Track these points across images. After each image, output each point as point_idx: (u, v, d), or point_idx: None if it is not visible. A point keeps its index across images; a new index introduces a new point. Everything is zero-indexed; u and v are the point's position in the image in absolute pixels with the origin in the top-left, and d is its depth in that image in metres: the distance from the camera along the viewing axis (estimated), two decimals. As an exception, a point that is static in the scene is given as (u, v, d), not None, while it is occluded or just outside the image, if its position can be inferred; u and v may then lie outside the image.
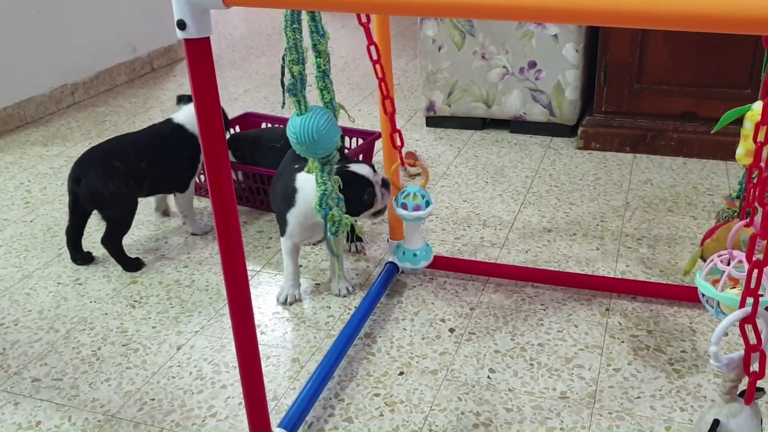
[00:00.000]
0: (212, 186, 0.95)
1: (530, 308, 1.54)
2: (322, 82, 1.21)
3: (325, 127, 1.19)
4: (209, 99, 0.92)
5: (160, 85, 3.28)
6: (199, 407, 1.31)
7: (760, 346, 0.84)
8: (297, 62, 1.15)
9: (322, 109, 1.21)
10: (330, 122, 1.21)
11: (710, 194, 2.02)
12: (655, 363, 1.36)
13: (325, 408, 1.29)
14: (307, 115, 1.18)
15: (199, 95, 0.92)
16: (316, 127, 1.18)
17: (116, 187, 1.73)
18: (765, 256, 0.80)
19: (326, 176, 1.28)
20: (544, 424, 1.23)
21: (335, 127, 1.22)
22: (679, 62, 2.21)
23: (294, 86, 1.16)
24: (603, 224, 1.88)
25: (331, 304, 1.60)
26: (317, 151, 1.22)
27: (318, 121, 1.19)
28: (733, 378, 0.87)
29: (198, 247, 1.87)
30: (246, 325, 1.06)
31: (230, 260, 1.00)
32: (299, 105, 1.18)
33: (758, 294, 0.83)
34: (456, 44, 2.46)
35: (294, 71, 1.15)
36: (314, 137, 1.19)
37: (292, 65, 1.16)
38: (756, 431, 0.87)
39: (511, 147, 2.43)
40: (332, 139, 1.22)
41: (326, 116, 1.20)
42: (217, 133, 0.93)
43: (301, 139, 1.19)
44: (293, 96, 1.17)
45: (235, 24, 4.60)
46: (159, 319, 1.58)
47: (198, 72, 0.91)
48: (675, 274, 1.64)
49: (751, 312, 0.83)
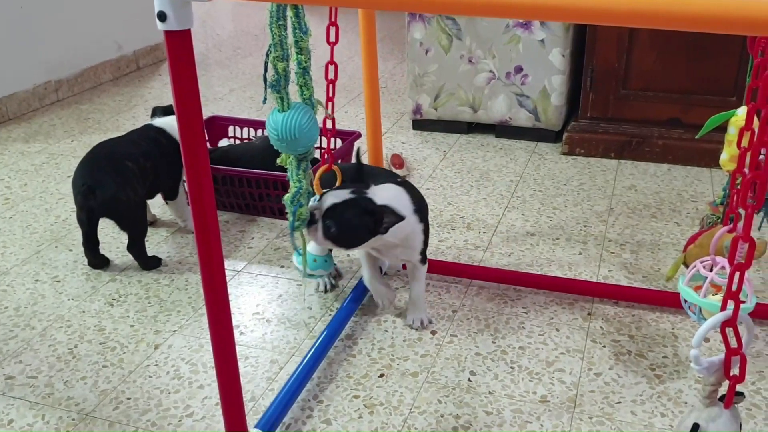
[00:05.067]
0: (191, 182, 0.93)
1: (512, 311, 1.54)
2: (302, 79, 1.20)
3: (307, 124, 1.18)
4: (189, 93, 0.90)
5: (145, 83, 3.26)
6: (176, 407, 1.29)
7: (740, 349, 0.83)
8: (282, 59, 1.14)
9: (303, 107, 1.20)
10: (312, 120, 1.20)
11: (694, 201, 2.03)
12: (636, 368, 1.36)
13: (303, 409, 1.28)
14: (290, 112, 1.17)
15: (179, 89, 0.90)
16: (298, 124, 1.17)
17: (134, 194, 1.67)
18: (747, 259, 0.80)
19: (302, 173, 1.26)
20: (524, 427, 1.22)
21: (316, 125, 1.22)
22: (666, 69, 2.22)
23: (278, 83, 1.15)
24: (586, 229, 1.88)
25: (312, 305, 1.59)
26: (297, 148, 1.21)
27: (301, 119, 1.17)
28: (713, 382, 0.86)
29: (178, 246, 1.84)
30: (223, 325, 1.04)
31: (208, 258, 0.98)
32: (282, 101, 1.17)
33: (739, 297, 0.82)
34: (443, 48, 2.45)
35: (278, 68, 1.14)
36: (296, 135, 1.17)
37: (276, 62, 1.14)
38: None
39: (496, 151, 2.42)
40: (313, 137, 1.21)
41: (309, 114, 1.19)
42: (197, 128, 0.92)
43: (282, 136, 1.18)
44: (276, 92, 1.16)
45: (222, 23, 4.58)
46: (137, 317, 1.55)
47: (178, 65, 0.89)
48: (657, 280, 1.64)
49: (732, 315, 0.82)
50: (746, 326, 0.88)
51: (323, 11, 1.31)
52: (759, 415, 1.23)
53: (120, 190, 1.64)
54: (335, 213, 1.30)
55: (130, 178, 1.67)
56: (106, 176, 1.64)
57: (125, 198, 1.65)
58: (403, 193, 1.42)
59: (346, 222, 1.30)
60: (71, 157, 2.41)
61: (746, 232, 0.79)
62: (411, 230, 1.40)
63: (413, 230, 1.40)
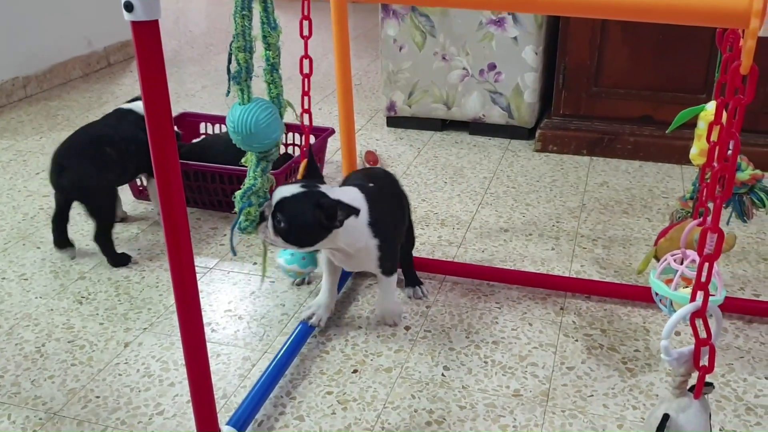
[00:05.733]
0: (159, 177, 0.92)
1: (486, 306, 1.54)
2: (270, 76, 1.17)
3: (265, 121, 1.14)
4: (157, 85, 0.88)
5: (115, 80, 3.22)
6: (146, 405, 1.27)
7: (710, 340, 0.84)
8: (243, 50, 1.12)
9: (266, 103, 1.17)
10: (271, 117, 1.16)
11: (665, 197, 2.05)
12: (608, 362, 1.37)
13: (276, 406, 1.27)
14: (249, 106, 1.14)
15: (147, 81, 0.88)
16: (255, 119, 1.14)
17: (105, 181, 1.69)
18: (716, 249, 0.81)
19: (259, 172, 1.23)
20: (497, 421, 1.22)
21: (276, 123, 1.17)
22: (637, 66, 2.24)
23: (239, 74, 1.13)
24: (559, 225, 1.89)
25: (285, 302, 1.57)
26: (253, 144, 1.18)
27: (259, 114, 1.14)
28: (683, 372, 0.87)
29: (149, 243, 1.82)
30: (193, 322, 1.03)
31: (177, 255, 0.97)
32: (242, 94, 1.14)
33: (709, 288, 0.83)
34: (417, 45, 2.45)
35: (239, 59, 1.12)
36: (252, 129, 1.14)
37: (237, 52, 1.12)
38: (704, 425, 0.88)
39: (470, 148, 2.43)
40: (271, 135, 1.17)
41: (269, 110, 1.16)
42: (166, 123, 0.90)
43: (239, 130, 1.15)
44: (237, 84, 1.13)
45: (195, 21, 4.54)
46: (107, 315, 1.53)
47: (146, 57, 0.87)
48: (629, 275, 1.65)
49: (701, 306, 0.83)
50: (715, 317, 0.89)
51: (296, 8, 1.30)
52: (728, 407, 1.25)
53: (90, 175, 1.66)
54: (285, 207, 1.24)
55: (105, 164, 1.69)
56: (80, 159, 1.67)
57: (95, 183, 1.66)
58: (361, 200, 1.33)
59: (295, 216, 1.24)
60: (39, 154, 2.37)
61: (715, 223, 0.80)
62: (364, 245, 1.33)
63: (366, 245, 1.33)
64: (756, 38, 0.67)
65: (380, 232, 1.35)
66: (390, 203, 1.44)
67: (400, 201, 1.50)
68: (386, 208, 1.40)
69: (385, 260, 1.38)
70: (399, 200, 1.50)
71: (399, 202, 1.49)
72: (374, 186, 1.41)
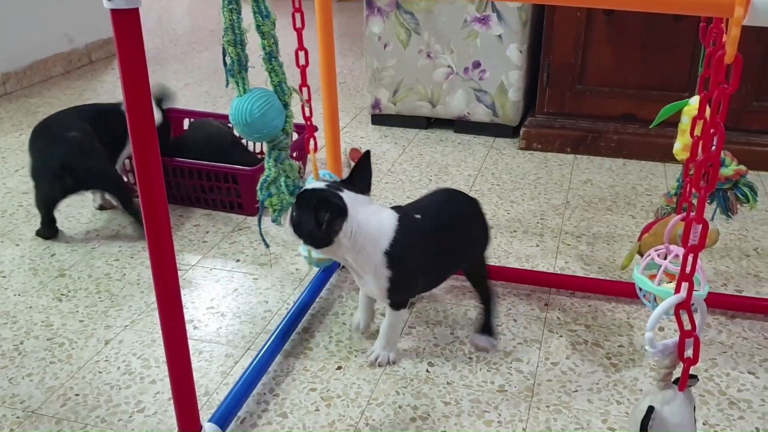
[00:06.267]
0: (140, 171, 0.90)
1: (470, 303, 1.53)
2: (269, 65, 1.16)
3: (259, 110, 1.14)
4: (137, 75, 0.87)
5: (97, 77, 3.18)
6: (127, 402, 1.26)
7: (694, 331, 0.84)
8: (233, 43, 1.11)
9: (261, 93, 1.16)
10: (266, 106, 1.15)
11: (649, 194, 2.05)
12: (592, 357, 1.36)
13: (258, 403, 1.25)
14: (244, 97, 1.14)
15: (127, 71, 0.87)
16: (249, 110, 1.13)
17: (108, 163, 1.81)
18: (700, 240, 0.80)
19: (272, 162, 1.23)
20: (482, 417, 1.21)
21: (273, 111, 1.16)
22: (621, 65, 2.25)
23: (232, 67, 1.13)
24: (543, 222, 1.89)
25: (268, 299, 1.56)
26: (253, 134, 1.18)
27: (252, 105, 1.14)
28: (668, 365, 0.87)
29: (130, 240, 1.80)
30: (175, 319, 1.01)
31: (158, 251, 0.95)
32: (238, 86, 1.14)
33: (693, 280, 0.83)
34: (402, 42, 2.44)
35: (230, 52, 1.11)
36: (247, 120, 1.14)
37: (228, 46, 1.12)
38: (689, 417, 0.87)
39: (455, 146, 2.42)
40: (269, 124, 1.16)
41: (262, 100, 1.15)
42: (147, 116, 0.89)
43: (237, 121, 1.16)
44: (231, 77, 1.13)
45: (178, 19, 4.51)
46: (87, 312, 1.51)
47: (126, 46, 0.86)
48: (613, 271, 1.65)
49: (686, 297, 0.83)
50: (700, 310, 0.89)
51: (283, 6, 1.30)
52: (712, 401, 1.25)
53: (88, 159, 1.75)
54: (298, 201, 1.22)
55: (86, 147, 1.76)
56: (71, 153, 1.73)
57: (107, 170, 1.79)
58: (390, 227, 1.23)
59: (300, 212, 1.22)
60: (19, 151, 2.34)
61: (699, 214, 0.79)
62: (374, 271, 1.24)
63: (377, 273, 1.24)
64: (740, 27, 0.67)
65: (398, 266, 1.24)
66: (436, 241, 1.30)
67: (461, 238, 1.35)
68: (424, 245, 1.28)
69: (394, 293, 1.28)
70: (461, 237, 1.35)
71: (459, 239, 1.34)
72: (423, 218, 1.30)
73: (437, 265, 1.33)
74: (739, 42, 0.70)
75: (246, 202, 1.91)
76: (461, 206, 1.38)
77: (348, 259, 1.25)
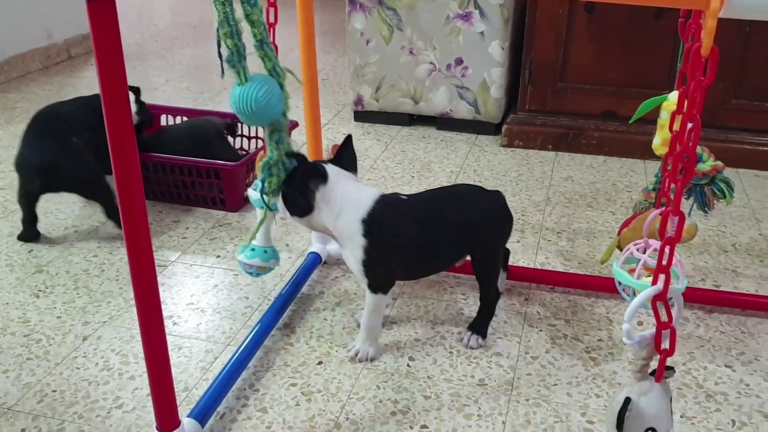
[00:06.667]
0: (116, 164, 0.89)
1: (451, 298, 1.53)
2: (261, 51, 1.17)
3: (264, 98, 1.15)
4: (114, 69, 0.86)
5: (76, 73, 3.15)
6: (105, 399, 1.25)
7: (671, 323, 0.84)
8: (230, 35, 1.12)
9: (263, 79, 1.17)
10: (270, 93, 1.16)
11: (629, 191, 2.07)
12: (572, 351, 1.37)
13: (238, 398, 1.25)
14: (247, 86, 1.14)
15: (104, 65, 0.86)
16: (255, 98, 1.14)
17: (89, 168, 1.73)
18: (677, 232, 0.81)
19: (273, 144, 1.25)
20: (462, 410, 1.22)
21: (276, 97, 1.17)
22: (602, 63, 2.26)
23: (231, 58, 1.13)
24: (524, 218, 1.90)
25: (249, 295, 1.55)
26: (258, 121, 1.20)
27: (257, 93, 1.15)
28: (645, 356, 0.87)
29: (109, 237, 1.78)
30: (153, 315, 1.00)
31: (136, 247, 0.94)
32: (239, 75, 1.15)
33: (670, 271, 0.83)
34: (384, 38, 2.44)
35: (228, 44, 1.12)
36: (253, 108, 1.15)
37: (225, 38, 1.12)
38: (665, 408, 0.88)
39: (437, 143, 2.43)
40: (273, 110, 1.18)
41: (266, 87, 1.16)
42: (123, 108, 0.88)
43: (241, 109, 1.16)
44: (232, 67, 1.14)
45: (160, 14, 4.48)
46: (65, 309, 1.49)
47: (102, 39, 0.85)
48: (593, 266, 1.66)
49: (662, 289, 0.83)
50: (677, 302, 0.90)
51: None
52: (689, 394, 1.26)
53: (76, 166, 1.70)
54: (290, 175, 1.27)
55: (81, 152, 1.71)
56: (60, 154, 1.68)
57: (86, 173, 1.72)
58: (370, 197, 1.27)
59: (288, 181, 1.26)
60: (-3, 146, 2.31)
61: (676, 205, 0.80)
62: (350, 235, 1.26)
63: (353, 240, 1.26)
64: (716, 18, 0.67)
65: (374, 235, 1.25)
66: (423, 225, 1.30)
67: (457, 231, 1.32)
68: (405, 223, 1.29)
69: (370, 267, 1.27)
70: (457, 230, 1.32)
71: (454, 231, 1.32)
72: (411, 199, 1.34)
73: (422, 252, 1.32)
74: (718, 39, 0.70)
75: (229, 198, 1.90)
76: (468, 200, 1.35)
77: (328, 227, 1.28)
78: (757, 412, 1.22)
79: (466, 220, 1.33)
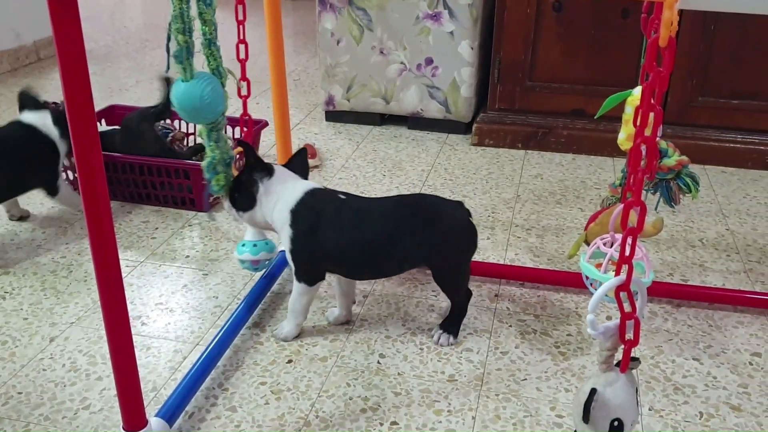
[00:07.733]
0: (80, 165, 0.88)
1: (422, 294, 1.54)
2: (208, 50, 1.20)
3: (208, 96, 1.18)
4: (76, 66, 0.85)
5: (46, 75, 3.11)
6: (72, 400, 1.23)
7: (634, 313, 0.85)
8: (182, 31, 1.13)
9: (208, 78, 1.19)
10: (214, 92, 1.19)
11: (597, 188, 2.09)
12: (541, 346, 1.38)
13: (207, 397, 1.24)
14: (192, 83, 1.17)
15: (66, 62, 0.84)
16: (199, 95, 1.17)
17: None
18: (638, 223, 0.82)
19: (213, 144, 1.26)
20: (432, 406, 1.22)
21: (220, 96, 1.21)
22: (570, 61, 2.28)
23: (180, 54, 1.14)
24: (494, 215, 1.91)
25: (218, 294, 1.54)
26: (199, 118, 1.21)
27: (202, 91, 1.17)
28: (609, 347, 0.88)
29: (77, 237, 1.76)
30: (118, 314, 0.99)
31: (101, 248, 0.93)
32: (185, 71, 1.17)
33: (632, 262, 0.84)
34: (354, 38, 2.44)
35: (179, 40, 1.13)
36: (197, 105, 1.16)
37: (177, 34, 1.13)
38: (631, 399, 0.89)
39: (408, 142, 2.43)
40: (216, 108, 1.21)
41: (211, 85, 1.18)
42: (87, 108, 0.87)
43: (184, 106, 1.17)
44: (179, 63, 1.15)
45: (131, 16, 4.44)
46: (31, 310, 1.47)
47: (64, 34, 0.83)
48: (562, 262, 1.68)
49: (625, 279, 0.84)
50: (640, 293, 0.91)
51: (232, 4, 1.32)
52: (657, 387, 1.27)
53: None
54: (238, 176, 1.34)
55: None
56: None
57: None
58: (303, 190, 1.30)
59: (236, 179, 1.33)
60: (-38, 148, 2.27)
61: (637, 196, 0.81)
62: (281, 225, 1.30)
63: (283, 230, 1.30)
64: (673, 9, 0.68)
65: (299, 225, 1.28)
66: (359, 225, 1.29)
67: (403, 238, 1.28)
68: (336, 219, 1.29)
69: (296, 257, 1.31)
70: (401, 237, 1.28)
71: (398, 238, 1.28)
72: (350, 199, 1.33)
73: (357, 252, 1.30)
74: (685, 38, 0.71)
75: (198, 198, 1.89)
76: (423, 213, 1.31)
77: (268, 221, 1.33)
78: (724, 404, 1.24)
79: (416, 232, 1.28)
